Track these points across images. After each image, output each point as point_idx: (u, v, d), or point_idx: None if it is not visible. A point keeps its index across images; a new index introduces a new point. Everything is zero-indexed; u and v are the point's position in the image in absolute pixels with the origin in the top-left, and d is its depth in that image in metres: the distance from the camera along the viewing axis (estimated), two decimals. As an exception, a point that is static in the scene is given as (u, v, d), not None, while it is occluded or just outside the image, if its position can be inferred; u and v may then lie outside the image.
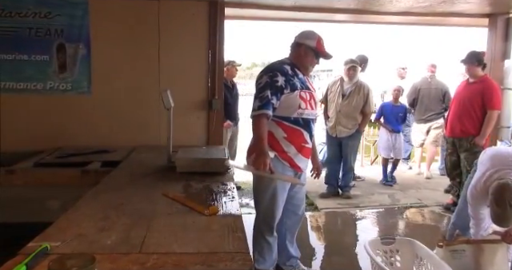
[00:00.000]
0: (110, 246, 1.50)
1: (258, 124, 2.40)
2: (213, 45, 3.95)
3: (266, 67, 2.57)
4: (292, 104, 2.47)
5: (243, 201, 4.65)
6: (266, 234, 2.63)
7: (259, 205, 2.63)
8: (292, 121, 2.50)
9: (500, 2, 4.25)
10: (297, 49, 2.59)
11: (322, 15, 4.86)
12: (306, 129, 2.56)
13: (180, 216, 1.84)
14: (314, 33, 2.60)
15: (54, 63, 3.85)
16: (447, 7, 4.46)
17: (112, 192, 2.21)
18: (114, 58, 3.84)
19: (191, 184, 2.37)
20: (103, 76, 3.85)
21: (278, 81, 2.41)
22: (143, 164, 2.94)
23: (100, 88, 3.86)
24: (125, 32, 3.83)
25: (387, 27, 7.00)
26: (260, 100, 2.40)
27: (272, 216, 2.59)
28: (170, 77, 3.85)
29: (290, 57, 2.63)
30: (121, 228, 1.68)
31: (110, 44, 3.82)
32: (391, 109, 5.47)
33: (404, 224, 4.31)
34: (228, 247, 1.52)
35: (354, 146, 4.89)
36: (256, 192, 2.66)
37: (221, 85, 4.17)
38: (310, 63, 2.63)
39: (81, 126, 3.82)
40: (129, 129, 3.81)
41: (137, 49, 3.87)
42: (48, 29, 3.80)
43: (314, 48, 2.55)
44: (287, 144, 2.51)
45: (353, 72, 4.69)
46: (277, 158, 2.47)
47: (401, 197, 4.95)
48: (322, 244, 3.72)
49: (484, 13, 4.81)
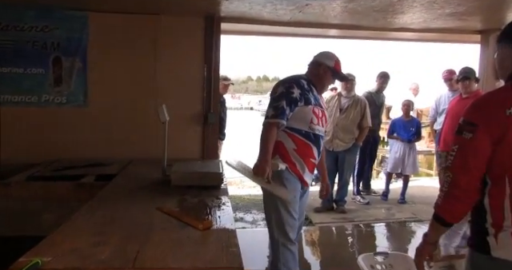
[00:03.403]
0: (104, 261, 1.49)
1: (267, 131, 2.41)
2: (209, 60, 3.99)
3: (284, 79, 2.61)
4: (305, 117, 2.48)
5: (237, 215, 4.63)
6: (288, 243, 2.57)
7: (271, 216, 2.55)
8: (303, 134, 2.50)
9: (492, 19, 4.33)
10: (316, 67, 2.63)
11: (317, 30, 4.91)
12: (316, 144, 2.56)
13: (174, 231, 1.84)
14: (333, 55, 2.68)
15: (49, 76, 3.87)
16: (441, 23, 4.54)
17: (107, 206, 2.20)
18: (111, 72, 3.86)
19: (186, 198, 2.37)
20: (100, 89, 3.87)
21: (293, 92, 2.44)
22: (138, 178, 2.93)
23: (96, 101, 3.87)
24: (122, 46, 3.87)
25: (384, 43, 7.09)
26: (274, 109, 2.41)
27: (288, 223, 2.53)
28: (166, 90, 3.87)
29: (307, 73, 2.66)
30: (115, 242, 1.67)
31: (107, 58, 3.85)
32: (403, 124, 5.37)
33: (398, 238, 4.31)
34: (222, 262, 1.52)
35: (351, 160, 4.91)
36: (267, 204, 2.59)
37: (217, 99, 4.19)
38: (327, 82, 2.69)
39: (77, 139, 3.81)
40: (124, 142, 3.81)
41: (134, 63, 3.89)
42: (44, 42, 3.82)
43: (332, 68, 2.62)
44: (296, 156, 2.50)
45: (350, 86, 4.74)
46: (288, 171, 2.46)
47: (396, 212, 4.95)
48: (317, 259, 3.71)
49: (476, 30, 4.91)
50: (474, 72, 4.15)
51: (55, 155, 3.63)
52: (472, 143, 1.40)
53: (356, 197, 5.35)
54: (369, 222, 4.59)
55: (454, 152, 1.45)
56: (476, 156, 1.41)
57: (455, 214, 1.49)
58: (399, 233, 4.41)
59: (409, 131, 5.33)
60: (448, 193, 1.46)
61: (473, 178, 1.43)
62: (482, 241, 1.45)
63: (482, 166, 1.41)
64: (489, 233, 1.42)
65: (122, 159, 3.52)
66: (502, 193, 1.40)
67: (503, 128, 1.35)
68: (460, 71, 4.27)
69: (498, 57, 1.53)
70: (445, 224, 1.52)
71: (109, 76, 3.86)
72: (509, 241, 1.38)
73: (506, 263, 1.39)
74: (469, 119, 1.43)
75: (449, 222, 1.51)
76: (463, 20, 4.35)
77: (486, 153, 1.39)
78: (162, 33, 3.89)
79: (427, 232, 1.59)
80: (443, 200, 1.48)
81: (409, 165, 5.32)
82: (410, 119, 5.40)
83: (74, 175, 3.08)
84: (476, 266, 1.51)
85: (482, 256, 1.45)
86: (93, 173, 3.11)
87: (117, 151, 3.73)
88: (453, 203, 1.46)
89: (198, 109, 4.03)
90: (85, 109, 3.88)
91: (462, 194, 1.44)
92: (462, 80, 4.18)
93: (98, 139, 3.83)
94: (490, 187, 1.43)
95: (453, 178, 1.44)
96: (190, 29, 3.98)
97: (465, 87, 4.16)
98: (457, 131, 1.45)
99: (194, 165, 2.96)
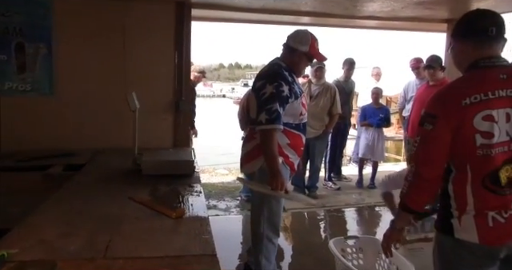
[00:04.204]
0: (74, 252, 1.47)
1: (269, 139, 2.33)
2: (180, 47, 3.92)
3: (268, 74, 2.47)
4: (295, 112, 2.48)
5: (210, 203, 4.63)
6: (274, 237, 2.63)
7: (263, 210, 2.57)
8: (294, 126, 2.51)
9: (458, 8, 4.43)
10: (291, 54, 2.53)
11: (289, 18, 4.91)
12: (304, 132, 2.60)
13: (146, 220, 1.82)
14: (307, 37, 2.52)
15: (12, 63, 3.70)
16: (409, 12, 4.62)
17: (76, 197, 2.16)
18: (78, 59, 3.73)
19: (158, 187, 2.35)
20: (66, 77, 3.74)
21: (283, 91, 2.36)
22: (108, 168, 2.88)
23: (63, 89, 3.74)
24: (90, 32, 3.73)
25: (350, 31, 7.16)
26: (268, 113, 2.32)
27: (278, 216, 2.61)
28: (135, 78, 3.78)
29: (283, 58, 2.56)
30: (85, 233, 1.64)
31: (74, 45, 3.71)
32: (373, 111, 5.47)
33: (368, 222, 4.44)
34: (195, 249, 1.52)
35: (322, 147, 4.98)
36: (258, 198, 2.61)
37: (188, 87, 4.14)
38: (303, 67, 2.64)
39: (42, 128, 3.68)
40: (93, 131, 3.71)
41: (102, 50, 3.77)
42: (6, 27, 3.65)
43: (307, 53, 2.52)
44: (290, 150, 2.52)
45: (319, 73, 4.78)
46: (283, 164, 2.47)
47: (366, 196, 5.08)
48: (290, 244, 3.77)
49: (443, 19, 5.02)
50: (439, 60, 4.26)
51: (19, 145, 3.51)
52: (433, 134, 1.47)
53: (327, 183, 5.45)
54: (340, 207, 4.70)
55: (417, 144, 1.52)
56: (437, 147, 1.48)
57: (420, 202, 1.57)
58: (369, 217, 4.54)
59: (379, 118, 5.45)
60: (412, 183, 1.53)
61: (434, 168, 1.50)
62: (446, 224, 1.52)
63: (443, 156, 1.48)
64: (453, 216, 1.50)
65: (91, 149, 3.44)
66: (464, 180, 1.47)
67: (460, 118, 1.42)
68: (426, 60, 4.38)
69: (453, 52, 1.61)
70: (410, 212, 1.60)
71: (76, 63, 3.73)
72: (471, 224, 1.46)
73: (467, 244, 1.48)
74: (429, 111, 1.50)
75: (414, 210, 1.58)
76: (431, 9, 4.43)
77: (447, 143, 1.46)
78: (131, 19, 3.78)
79: (394, 219, 1.66)
80: (408, 189, 1.54)
81: (377, 152, 5.46)
82: (379, 106, 5.51)
83: (40, 165, 2.98)
84: (441, 247, 1.59)
85: (446, 237, 1.53)
86: (60, 163, 3.03)
87: (85, 140, 3.63)
88: (417, 192, 1.53)
89: (169, 96, 3.97)
90: (51, 97, 3.75)
91: (425, 184, 1.51)
92: (427, 68, 4.30)
93: (65, 128, 3.72)
94: (454, 175, 1.50)
95: (416, 169, 1.51)
96: (160, 15, 3.88)
97: (430, 75, 4.28)
98: (419, 122, 1.52)
99: (166, 154, 2.94)
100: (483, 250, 1.47)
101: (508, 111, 1.42)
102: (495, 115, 1.41)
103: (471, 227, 1.46)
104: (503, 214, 1.43)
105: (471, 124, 1.41)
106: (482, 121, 1.41)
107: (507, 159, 1.43)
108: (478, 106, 1.41)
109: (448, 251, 1.56)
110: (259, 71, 2.64)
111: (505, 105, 1.42)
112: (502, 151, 1.42)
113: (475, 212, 1.45)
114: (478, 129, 1.41)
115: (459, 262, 1.52)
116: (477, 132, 1.42)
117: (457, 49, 1.58)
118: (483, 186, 1.44)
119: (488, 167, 1.43)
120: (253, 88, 2.54)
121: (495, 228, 1.44)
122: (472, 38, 1.51)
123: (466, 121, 1.42)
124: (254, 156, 2.54)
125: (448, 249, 1.56)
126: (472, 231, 1.46)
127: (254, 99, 2.49)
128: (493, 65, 1.48)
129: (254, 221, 2.66)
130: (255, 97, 2.45)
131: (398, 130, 8.60)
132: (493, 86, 1.43)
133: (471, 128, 1.42)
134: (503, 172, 1.42)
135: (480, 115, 1.41)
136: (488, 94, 1.41)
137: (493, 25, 1.49)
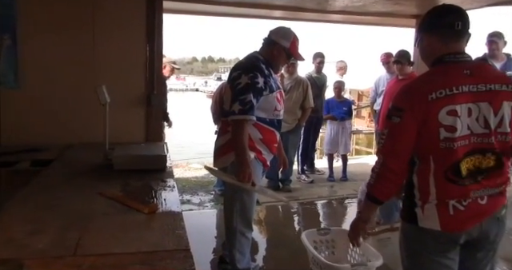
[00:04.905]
0: (42, 250, 1.43)
1: (240, 130, 2.32)
2: (151, 40, 3.84)
3: (245, 65, 2.45)
4: (269, 106, 2.45)
5: (184, 198, 4.61)
6: (246, 231, 2.62)
7: (235, 205, 2.56)
8: (268, 122, 2.48)
9: (426, 4, 4.54)
10: (271, 47, 2.49)
11: (261, 11, 4.91)
12: (278, 129, 2.58)
13: (118, 216, 1.80)
14: (289, 33, 2.50)
15: (-26, 55, 3.54)
16: (379, 7, 4.70)
17: (44, 193, 2.10)
18: (45, 51, 3.61)
19: (130, 183, 2.31)
20: (33, 69, 3.60)
21: (258, 82, 2.33)
22: (78, 163, 2.81)
23: (29, 82, 3.61)
24: (57, 23, 3.61)
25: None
26: (242, 103, 2.29)
27: (250, 210, 2.60)
28: (106, 71, 3.69)
29: (262, 52, 2.53)
30: (54, 230, 1.60)
31: (40, 35, 3.58)
32: (336, 104, 5.57)
33: (341, 214, 4.52)
34: (168, 245, 1.51)
35: (294, 141, 5.02)
36: (230, 192, 2.60)
37: (160, 80, 4.07)
38: (281, 63, 2.60)
39: (7, 123, 3.55)
40: (62, 125, 3.60)
41: (70, 42, 3.65)
42: (-33, 18, 3.49)
43: (287, 49, 2.49)
44: (262, 145, 2.50)
45: (292, 69, 4.80)
46: (255, 159, 2.45)
47: (338, 189, 5.17)
48: (264, 237, 3.80)
49: (412, 14, 5.13)
50: (407, 55, 4.34)
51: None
52: (400, 127, 1.51)
53: (301, 176, 5.51)
54: (313, 200, 4.76)
55: (385, 136, 1.57)
56: (403, 139, 1.53)
57: (386, 193, 1.62)
58: (341, 209, 4.63)
59: (342, 111, 5.57)
60: (379, 174, 1.57)
61: (400, 160, 1.55)
62: (411, 213, 1.59)
63: (409, 148, 1.54)
64: (417, 206, 1.57)
65: (60, 144, 3.34)
66: (427, 171, 1.53)
67: (426, 112, 1.47)
68: (395, 55, 4.47)
69: (420, 46, 1.66)
70: (376, 202, 1.65)
71: (43, 55, 3.60)
72: (433, 212, 1.53)
73: (430, 231, 1.55)
74: (396, 104, 1.55)
75: (380, 200, 1.64)
76: (400, 4, 4.53)
77: (413, 136, 1.51)
78: (101, 10, 3.67)
79: (361, 209, 1.71)
80: (375, 180, 1.59)
81: (342, 145, 5.57)
82: (342, 100, 5.62)
83: (6, 161, 2.88)
84: (407, 236, 1.66)
85: (411, 226, 1.61)
86: (27, 159, 2.93)
87: (53, 135, 3.52)
88: (383, 183, 1.58)
89: (140, 90, 3.89)
90: (17, 90, 3.62)
91: (391, 175, 1.56)
92: (395, 63, 4.39)
93: (32, 123, 3.59)
94: (418, 166, 1.56)
95: (383, 160, 1.56)
96: (130, 6, 3.79)
97: (398, 70, 4.37)
98: (387, 116, 1.57)
99: (138, 148, 2.89)
100: (445, 237, 1.54)
101: (470, 106, 1.47)
102: (458, 110, 1.46)
103: (433, 215, 1.52)
104: (463, 202, 1.51)
105: (436, 118, 1.46)
106: (447, 115, 1.46)
107: (468, 152, 1.49)
108: (443, 101, 1.46)
109: (413, 239, 1.63)
110: (236, 63, 2.62)
111: (467, 100, 1.47)
112: (464, 144, 1.48)
113: (437, 201, 1.52)
114: (442, 123, 1.46)
115: (423, 249, 1.59)
116: (441, 126, 1.47)
117: (424, 43, 1.63)
118: (445, 177, 1.50)
119: (450, 159, 1.48)
120: (228, 79, 2.52)
121: (455, 216, 1.51)
122: (438, 32, 1.56)
123: (431, 115, 1.46)
124: (227, 151, 2.53)
125: (413, 237, 1.63)
126: (434, 219, 1.52)
127: (229, 90, 2.47)
128: (457, 60, 1.54)
129: (226, 216, 2.66)
130: (230, 87, 2.43)
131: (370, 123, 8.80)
132: (457, 82, 1.48)
133: (436, 122, 1.46)
134: (464, 164, 1.48)
135: (445, 110, 1.46)
136: (453, 89, 1.46)
137: (458, 20, 1.54)
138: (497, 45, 4.42)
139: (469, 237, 1.55)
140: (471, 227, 1.53)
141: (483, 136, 1.49)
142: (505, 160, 1.54)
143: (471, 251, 1.60)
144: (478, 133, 1.49)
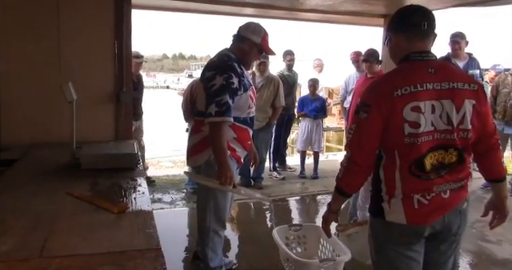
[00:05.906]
0: (6, 253, 1.38)
1: (218, 132, 2.29)
2: (119, 36, 3.76)
3: (218, 65, 2.40)
4: (243, 105, 2.43)
5: (155, 196, 4.55)
6: (220, 230, 2.61)
7: (209, 203, 2.55)
8: (241, 120, 2.47)
9: (394, 4, 4.65)
10: (241, 43, 2.48)
11: (233, 9, 4.90)
12: (251, 126, 2.58)
13: (86, 216, 1.76)
14: (260, 29, 2.49)
15: None
16: (349, 7, 4.78)
17: (7, 193, 2.03)
18: (8, 49, 3.47)
19: (98, 182, 2.26)
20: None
21: (233, 83, 2.31)
22: (44, 162, 2.72)
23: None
24: (19, 16, 3.48)
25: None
26: (218, 105, 2.26)
27: (224, 209, 2.58)
28: (72, 68, 3.58)
29: (232, 49, 2.51)
30: (18, 232, 1.55)
31: (2, 33, 3.45)
32: (310, 102, 5.61)
33: (312, 210, 4.58)
34: (138, 244, 1.49)
35: (265, 138, 5.05)
36: (204, 191, 2.57)
37: (129, 77, 4.00)
38: (253, 59, 2.60)
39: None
40: (26, 124, 3.48)
41: (34, 37, 3.53)
42: None
43: (258, 45, 2.48)
44: (237, 143, 2.49)
45: (263, 67, 4.82)
46: (230, 157, 2.43)
47: (309, 185, 5.23)
48: (236, 235, 3.81)
49: (381, 14, 5.25)
50: (375, 54, 4.43)
51: None
52: (366, 122, 1.56)
53: (272, 173, 5.55)
54: (284, 196, 4.81)
55: (352, 131, 1.61)
56: (370, 134, 1.57)
57: (353, 186, 1.67)
58: (312, 206, 4.69)
59: (315, 108, 5.62)
60: (347, 168, 1.62)
61: (367, 154, 1.59)
62: (378, 207, 1.64)
63: (376, 143, 1.58)
64: (383, 200, 1.62)
65: (24, 143, 3.23)
66: (393, 166, 1.58)
67: (391, 108, 1.52)
68: (364, 54, 4.56)
69: (388, 45, 1.71)
70: (344, 195, 1.70)
71: (3, 49, 3.47)
72: (399, 206, 1.59)
73: (396, 225, 1.60)
74: (364, 100, 1.59)
75: (348, 193, 1.70)
76: (369, 4, 4.62)
77: (379, 131, 1.55)
78: (66, 4, 3.57)
79: (331, 202, 1.75)
80: (343, 174, 1.64)
81: (315, 142, 5.63)
82: (316, 97, 5.68)
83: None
84: (375, 230, 1.72)
85: (378, 220, 1.66)
86: (-11, 159, 2.82)
87: (17, 134, 3.39)
88: (351, 176, 1.63)
89: (109, 87, 3.81)
90: (-24, 87, 3.47)
91: (358, 169, 1.60)
92: (364, 62, 4.48)
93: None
94: (384, 161, 1.61)
95: (351, 155, 1.60)
96: (98, 0, 3.71)
97: (367, 68, 4.46)
98: (354, 111, 1.61)
99: (106, 147, 2.83)
100: (410, 230, 1.60)
101: (433, 103, 1.53)
102: (422, 106, 1.51)
103: (399, 209, 1.58)
104: (427, 196, 1.56)
105: (401, 114, 1.51)
106: (411, 111, 1.51)
107: (431, 147, 1.54)
108: (408, 98, 1.51)
109: (380, 232, 1.68)
110: (208, 61, 2.59)
111: (431, 98, 1.52)
112: (427, 140, 1.53)
113: (402, 195, 1.57)
114: (407, 118, 1.51)
115: (389, 242, 1.65)
116: (405, 121, 1.51)
117: (392, 42, 1.67)
118: (410, 172, 1.55)
119: (414, 154, 1.53)
120: (201, 78, 2.49)
121: (420, 210, 1.57)
122: (406, 32, 1.62)
123: (396, 110, 1.51)
124: (201, 149, 2.52)
125: (380, 231, 1.68)
126: (400, 213, 1.58)
127: (202, 90, 2.45)
128: (422, 59, 1.59)
129: (200, 215, 2.65)
130: (204, 88, 2.40)
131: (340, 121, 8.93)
132: (421, 79, 1.53)
133: (401, 117, 1.51)
134: (428, 159, 1.54)
135: (409, 106, 1.51)
136: (417, 86, 1.51)
137: (425, 20, 1.60)
138: (459, 44, 4.59)
139: (433, 230, 1.61)
140: (435, 220, 1.59)
141: (446, 132, 1.55)
142: (466, 156, 1.60)
143: (435, 243, 1.66)
144: (441, 130, 1.54)
